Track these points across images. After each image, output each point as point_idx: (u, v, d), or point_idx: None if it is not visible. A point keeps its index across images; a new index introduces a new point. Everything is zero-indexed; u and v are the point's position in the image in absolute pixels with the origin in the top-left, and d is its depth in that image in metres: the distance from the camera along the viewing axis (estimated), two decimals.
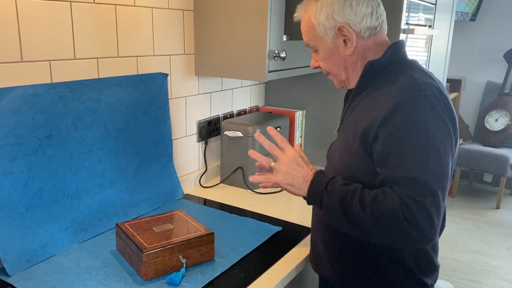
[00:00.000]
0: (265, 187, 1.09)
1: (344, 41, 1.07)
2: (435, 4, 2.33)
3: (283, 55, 1.53)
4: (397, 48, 1.08)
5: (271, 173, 1.07)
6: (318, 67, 1.17)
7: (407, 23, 1.94)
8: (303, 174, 1.04)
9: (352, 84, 1.13)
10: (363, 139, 1.00)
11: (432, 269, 1.11)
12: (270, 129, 1.12)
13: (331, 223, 1.06)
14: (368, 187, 0.98)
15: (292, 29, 1.59)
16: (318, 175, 1.04)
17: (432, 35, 2.39)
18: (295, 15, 1.15)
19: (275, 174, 1.06)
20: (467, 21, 4.26)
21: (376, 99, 1.03)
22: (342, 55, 1.09)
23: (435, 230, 0.92)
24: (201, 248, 1.16)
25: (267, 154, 1.78)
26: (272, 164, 1.07)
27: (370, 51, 1.08)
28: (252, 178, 1.08)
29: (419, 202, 0.90)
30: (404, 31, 1.88)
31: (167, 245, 1.10)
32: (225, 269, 1.15)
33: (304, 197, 1.06)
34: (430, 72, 1.09)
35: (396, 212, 0.91)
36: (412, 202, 0.90)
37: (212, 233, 1.18)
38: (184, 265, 1.12)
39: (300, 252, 1.27)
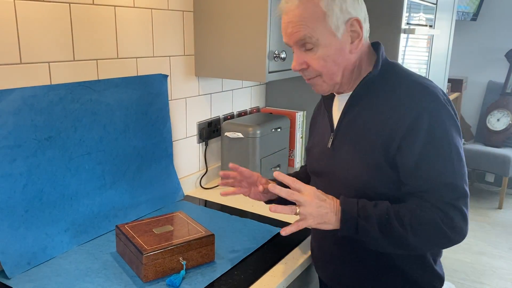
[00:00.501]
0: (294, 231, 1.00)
1: (351, 37, 1.00)
2: (436, 4, 2.32)
3: (283, 55, 1.53)
4: (383, 52, 1.07)
5: (300, 220, 0.99)
6: (304, 69, 1.04)
7: (407, 23, 1.93)
8: (330, 208, 0.99)
9: (345, 89, 1.07)
10: (384, 151, 0.97)
11: (435, 277, 1.10)
12: (277, 174, 1.01)
13: (370, 247, 1.03)
14: (391, 200, 0.99)
15: None
16: (344, 204, 0.99)
17: (433, 35, 2.38)
18: (283, 6, 1.00)
19: (305, 219, 0.98)
20: (469, 20, 4.25)
21: (386, 108, 1.00)
22: (345, 54, 1.01)
23: (468, 226, 0.96)
24: (201, 250, 1.15)
25: (269, 154, 1.78)
26: (298, 210, 0.98)
27: (365, 55, 1.05)
28: (284, 232, 0.98)
29: (455, 206, 0.94)
30: (405, 31, 1.87)
31: (167, 247, 1.10)
32: (225, 271, 1.14)
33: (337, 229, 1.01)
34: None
35: (435, 221, 0.94)
36: (448, 208, 0.94)
37: (212, 235, 1.17)
38: (184, 267, 1.12)
39: (300, 253, 1.26)
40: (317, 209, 0.98)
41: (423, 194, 0.96)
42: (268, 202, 1.28)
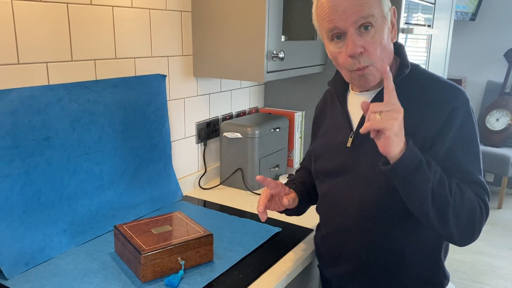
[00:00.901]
0: (368, 129, 0.88)
1: (392, 26, 1.02)
2: (434, 4, 2.33)
3: (281, 55, 1.53)
4: (405, 52, 1.10)
5: (380, 121, 0.87)
6: (361, 54, 0.97)
7: (406, 23, 1.93)
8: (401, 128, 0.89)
9: (374, 80, 1.02)
10: (420, 149, 0.94)
11: (445, 275, 1.15)
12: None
13: (405, 197, 0.95)
14: None
15: (290, 29, 1.58)
16: (410, 142, 0.91)
17: (431, 35, 2.39)
18: None
19: (387, 121, 0.86)
20: (467, 20, 4.26)
21: (418, 108, 1.00)
22: (389, 42, 1.02)
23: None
24: (199, 250, 1.15)
25: (268, 154, 1.78)
26: (377, 116, 0.87)
27: (392, 52, 1.06)
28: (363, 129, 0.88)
29: (484, 201, 0.98)
30: (403, 31, 1.88)
31: (166, 247, 1.10)
32: (224, 271, 1.14)
33: (385, 162, 0.93)
34: None
35: (474, 206, 0.96)
36: (481, 201, 0.97)
37: (211, 235, 1.17)
38: (183, 267, 1.12)
39: (299, 253, 1.26)
40: (400, 123, 0.88)
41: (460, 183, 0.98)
42: (283, 212, 1.24)
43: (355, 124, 1.10)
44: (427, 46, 2.42)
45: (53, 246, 1.20)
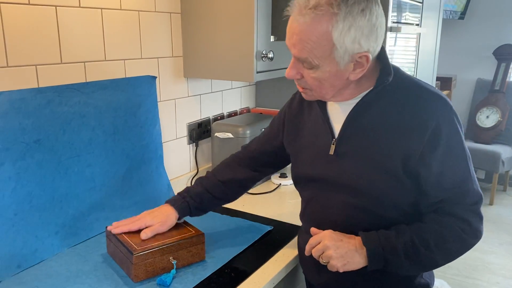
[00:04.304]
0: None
1: (354, 65, 0.94)
2: (422, 3, 2.35)
3: (270, 55, 1.54)
4: (387, 57, 1.03)
5: (329, 265, 1.01)
6: (298, 78, 1.00)
7: (394, 22, 1.96)
8: (348, 247, 1.00)
9: (341, 99, 1.03)
10: (403, 161, 0.96)
11: (428, 278, 1.13)
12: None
13: (400, 273, 1.04)
14: (405, 208, 1.02)
15: (279, 30, 1.59)
16: (367, 240, 1.00)
17: (420, 33, 2.41)
18: (294, 14, 0.92)
19: (330, 263, 1.00)
20: (456, 19, 4.30)
21: (401, 117, 0.98)
22: (344, 78, 0.96)
23: (483, 224, 1.02)
24: (191, 249, 1.16)
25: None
26: (322, 259, 1.02)
27: (368, 70, 0.98)
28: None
29: (474, 210, 1.00)
30: (391, 29, 1.90)
31: (157, 247, 1.10)
32: (216, 269, 1.15)
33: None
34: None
35: (458, 234, 0.98)
36: (468, 214, 0.99)
37: (202, 234, 1.18)
38: (175, 266, 1.12)
39: (291, 251, 1.27)
40: (335, 251, 0.99)
41: (442, 205, 0.99)
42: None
43: (336, 130, 1.06)
44: (416, 45, 2.44)
45: (45, 248, 1.20)
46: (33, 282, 1.09)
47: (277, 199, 1.67)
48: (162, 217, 1.18)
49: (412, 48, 2.40)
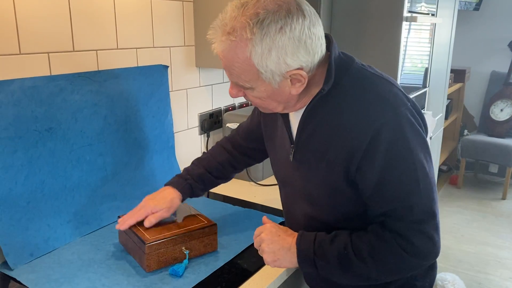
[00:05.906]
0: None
1: (291, 80, 0.88)
2: None
3: None
4: (335, 55, 0.93)
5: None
6: (240, 96, 0.96)
7: (409, 11, 1.92)
8: (282, 244, 0.99)
9: (291, 110, 0.98)
10: (343, 172, 0.91)
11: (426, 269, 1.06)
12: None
13: (335, 281, 0.99)
14: (358, 217, 0.96)
15: None
16: (300, 242, 0.97)
17: (435, 24, 2.36)
18: (213, 46, 0.90)
19: (263, 255, 1.02)
20: (471, 10, 4.22)
21: (343, 123, 0.90)
22: (286, 94, 0.90)
23: (438, 246, 0.91)
24: (204, 239, 1.15)
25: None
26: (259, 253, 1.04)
27: (316, 75, 0.92)
28: None
29: (418, 229, 0.89)
30: (407, 19, 1.86)
31: (170, 237, 1.10)
32: (228, 260, 1.14)
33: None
34: (376, 69, 0.97)
35: (395, 250, 0.90)
36: (410, 233, 0.89)
37: (215, 224, 1.17)
38: (187, 256, 1.12)
39: None
40: (269, 245, 0.99)
41: (385, 219, 0.91)
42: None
43: (294, 138, 1.02)
44: (431, 37, 2.40)
45: (57, 237, 1.20)
46: (46, 270, 1.09)
47: None
48: (166, 203, 1.17)
49: (426, 40, 2.35)
